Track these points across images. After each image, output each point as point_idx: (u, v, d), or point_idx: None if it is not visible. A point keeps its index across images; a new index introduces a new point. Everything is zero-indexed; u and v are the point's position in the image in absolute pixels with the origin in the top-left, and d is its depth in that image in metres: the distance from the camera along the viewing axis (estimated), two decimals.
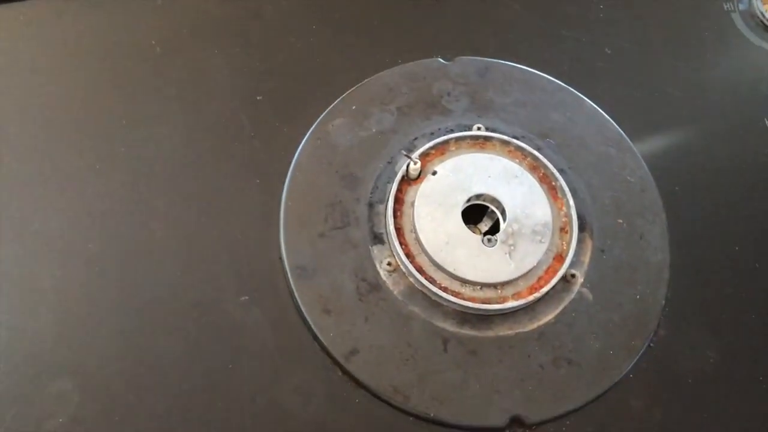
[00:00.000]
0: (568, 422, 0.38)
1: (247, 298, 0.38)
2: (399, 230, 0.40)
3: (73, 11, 0.46)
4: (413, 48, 0.48)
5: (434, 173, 0.42)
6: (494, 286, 0.39)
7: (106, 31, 0.46)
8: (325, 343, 0.38)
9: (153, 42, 0.46)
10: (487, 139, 0.44)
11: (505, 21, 0.49)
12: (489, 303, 0.39)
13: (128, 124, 0.43)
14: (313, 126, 0.44)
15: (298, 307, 0.39)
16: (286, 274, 0.39)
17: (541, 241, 0.40)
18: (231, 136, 0.43)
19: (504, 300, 0.39)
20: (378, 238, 0.41)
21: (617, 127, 0.47)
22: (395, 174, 0.42)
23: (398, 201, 0.41)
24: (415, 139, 0.44)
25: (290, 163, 0.43)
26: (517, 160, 0.44)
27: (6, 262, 0.37)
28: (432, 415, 0.37)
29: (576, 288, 0.41)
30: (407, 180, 0.42)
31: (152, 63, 0.45)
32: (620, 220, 0.43)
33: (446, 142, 0.44)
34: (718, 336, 0.41)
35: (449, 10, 0.50)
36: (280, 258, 0.39)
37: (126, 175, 0.41)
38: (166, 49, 0.46)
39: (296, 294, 0.39)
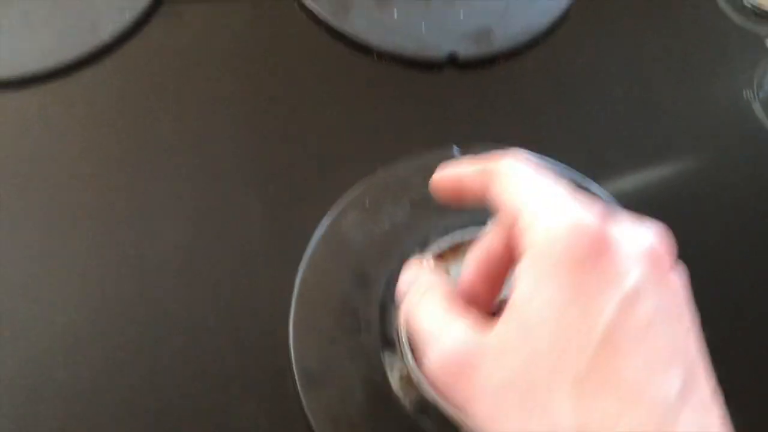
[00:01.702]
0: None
1: (253, 403, 0.37)
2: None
3: (72, 95, 0.45)
4: (428, 136, 0.47)
5: (449, 274, 0.41)
6: None
7: (113, 116, 0.45)
8: None
9: (165, 135, 0.45)
10: None
11: (524, 108, 0.48)
12: None
13: (131, 212, 0.43)
14: (325, 219, 0.43)
15: (306, 416, 0.37)
16: (295, 380, 0.38)
17: None
18: (240, 229, 0.42)
19: None
20: (389, 344, 0.39)
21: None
22: None
23: None
24: (429, 235, 0.43)
25: (300, 258, 0.41)
26: None
27: None
28: None
29: None
30: None
31: (161, 147, 0.45)
32: None
33: (461, 242, 0.42)
34: None
35: (464, 97, 0.49)
36: (289, 363, 0.38)
37: (129, 268, 0.40)
38: (175, 132, 0.45)
39: (304, 402, 0.38)
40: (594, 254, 0.25)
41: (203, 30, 0.48)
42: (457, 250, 0.43)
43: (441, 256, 0.42)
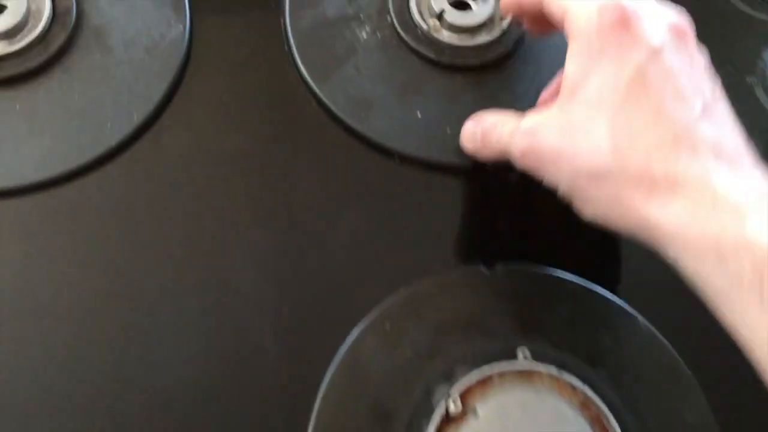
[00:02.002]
0: None
1: None
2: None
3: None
4: (454, 251, 0.44)
5: (476, 414, 0.38)
6: None
7: (116, 224, 0.43)
8: None
9: (173, 246, 0.42)
10: (533, 371, 0.40)
11: (552, 225, 0.45)
12: None
13: (134, 332, 0.40)
14: (343, 345, 0.40)
15: None
16: None
17: None
18: (250, 358, 0.40)
19: None
20: None
21: (675, 353, 0.42)
22: (432, 409, 0.38)
23: None
24: (455, 366, 0.40)
25: (316, 391, 0.39)
26: (567, 398, 0.39)
27: None
28: None
29: None
30: (446, 419, 0.38)
31: (169, 258, 0.42)
32: None
33: (489, 376, 0.39)
34: None
35: (491, 205, 0.46)
36: None
37: (131, 397, 0.37)
38: (185, 249, 0.42)
39: None
40: (623, 23, 0.32)
41: (215, 129, 0.45)
42: (486, 385, 0.40)
43: (468, 391, 0.39)
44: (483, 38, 0.48)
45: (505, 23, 0.48)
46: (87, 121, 0.44)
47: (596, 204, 0.33)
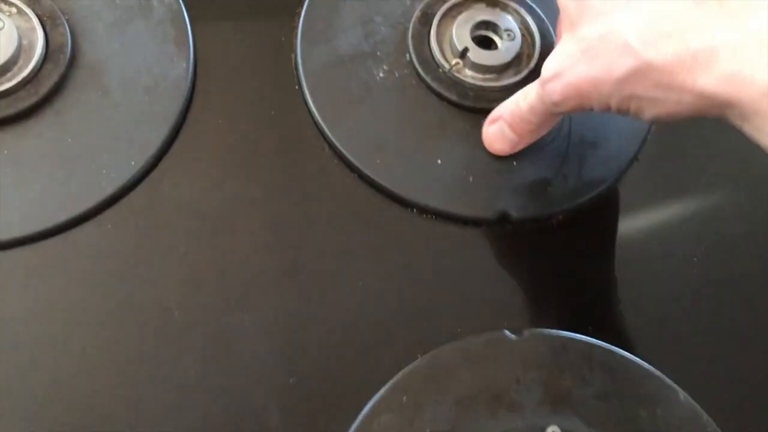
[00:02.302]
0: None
1: None
2: None
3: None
4: (476, 315, 0.40)
5: None
6: None
7: (110, 277, 0.40)
8: None
9: (171, 306, 0.38)
10: None
11: (584, 287, 0.41)
12: None
13: (126, 401, 0.37)
14: (354, 424, 0.36)
15: None
16: None
17: None
18: None
19: None
20: None
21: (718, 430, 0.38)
22: None
23: None
24: None
25: None
26: None
27: None
28: None
29: None
30: None
31: (166, 317, 0.39)
32: None
33: None
34: None
35: (515, 262, 0.42)
36: None
37: None
38: (185, 312, 0.38)
39: None
40: None
41: (219, 175, 0.42)
42: None
43: None
44: (509, 79, 0.45)
45: (533, 62, 0.44)
46: (80, 169, 0.40)
47: (651, 103, 0.32)
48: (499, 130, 0.41)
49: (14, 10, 0.42)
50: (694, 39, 0.29)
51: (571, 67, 0.34)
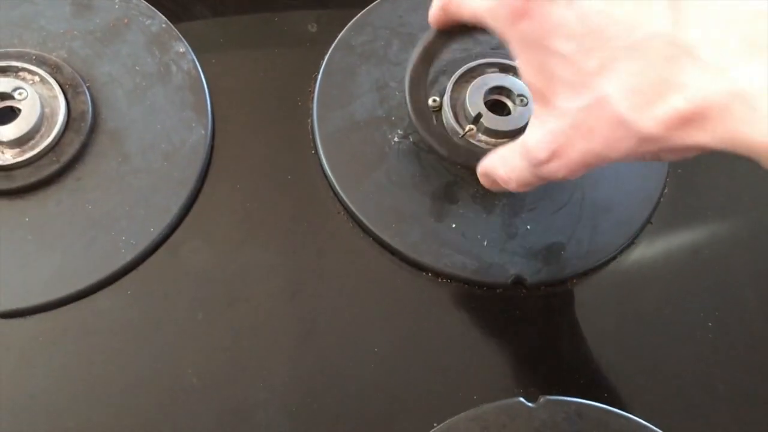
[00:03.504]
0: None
1: None
2: None
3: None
4: (492, 382, 0.40)
5: None
6: None
7: (126, 344, 0.40)
8: None
9: (189, 372, 0.38)
10: None
11: (602, 354, 0.41)
12: None
13: None
14: None
15: None
16: None
17: None
18: None
19: None
20: None
21: None
22: None
23: None
24: None
25: None
26: None
27: None
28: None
29: None
30: None
31: (184, 394, 0.39)
32: None
33: None
34: None
35: (529, 326, 0.42)
36: None
37: None
38: (203, 378, 0.38)
39: None
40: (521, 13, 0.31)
41: (236, 241, 0.42)
42: None
43: None
44: None
45: None
46: (99, 235, 0.41)
47: (665, 155, 0.32)
48: (494, 185, 0.40)
49: (37, 78, 0.43)
50: (679, 101, 0.27)
51: (568, 145, 0.32)
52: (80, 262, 0.40)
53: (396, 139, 0.46)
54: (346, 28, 0.49)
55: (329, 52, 0.48)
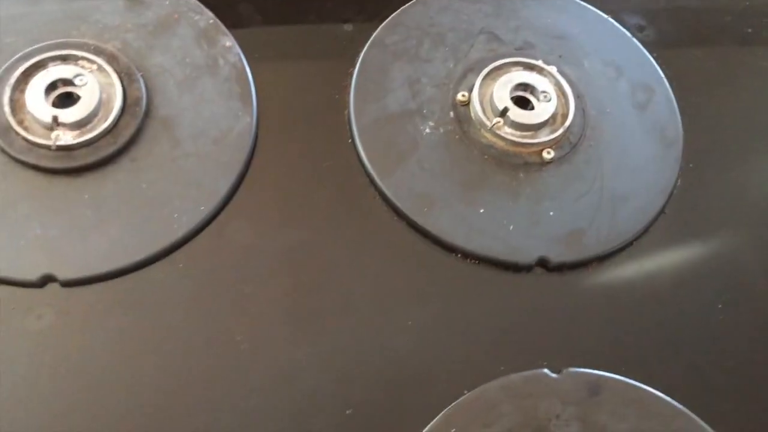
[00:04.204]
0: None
1: None
2: None
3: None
4: (517, 351, 0.43)
5: None
6: None
7: (179, 317, 0.43)
8: None
9: (238, 339, 0.41)
10: None
11: (616, 328, 0.44)
12: None
13: None
14: None
15: None
16: None
17: None
18: None
19: None
20: None
21: None
22: None
23: None
24: None
25: None
26: None
27: None
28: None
29: None
30: None
31: (234, 359, 0.42)
32: None
33: None
34: None
35: (553, 304, 0.45)
36: None
37: None
38: (251, 344, 0.41)
39: None
40: None
41: (278, 222, 0.46)
42: None
43: None
44: (545, 136, 0.48)
45: (568, 121, 0.48)
46: (154, 212, 0.44)
47: None
48: None
49: (95, 66, 0.47)
50: None
51: None
52: (135, 237, 0.43)
53: (427, 130, 0.49)
54: (379, 27, 0.53)
55: (364, 49, 0.52)
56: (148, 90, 0.47)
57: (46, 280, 0.41)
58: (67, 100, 0.45)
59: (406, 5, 0.53)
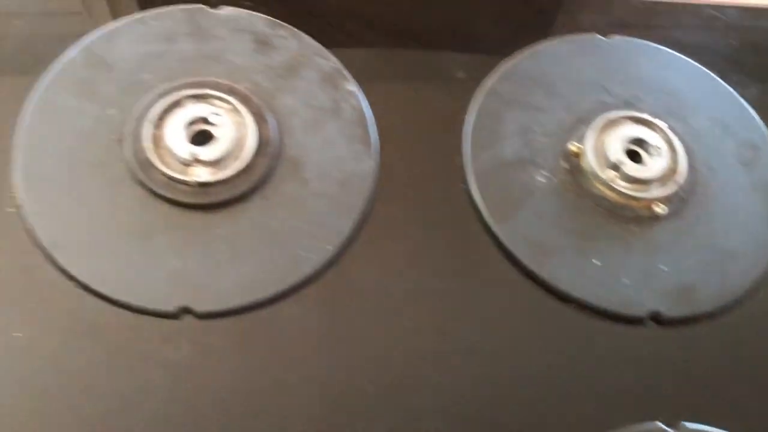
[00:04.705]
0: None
1: None
2: None
3: None
4: (631, 406, 0.45)
5: None
6: None
7: (306, 352, 0.45)
8: None
9: (364, 382, 0.43)
10: None
11: (731, 383, 0.45)
12: None
13: None
14: None
15: None
16: None
17: None
18: None
19: None
20: None
21: None
22: None
23: None
24: None
25: None
26: None
27: None
28: None
29: None
30: None
31: (363, 402, 0.43)
32: None
33: None
34: None
35: (666, 359, 0.46)
36: None
37: None
38: (377, 388, 0.42)
39: None
40: None
41: (398, 264, 0.47)
42: None
43: None
44: (657, 190, 0.49)
45: (681, 178, 0.49)
46: (284, 249, 0.45)
47: None
48: None
49: (229, 106, 0.49)
50: None
51: None
52: (267, 273, 0.45)
53: (541, 179, 0.51)
54: (492, 75, 0.54)
55: (478, 96, 0.53)
56: (279, 130, 0.48)
57: (182, 312, 0.43)
58: (201, 137, 0.47)
59: (518, 54, 0.55)
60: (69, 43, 0.51)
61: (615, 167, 0.50)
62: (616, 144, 0.50)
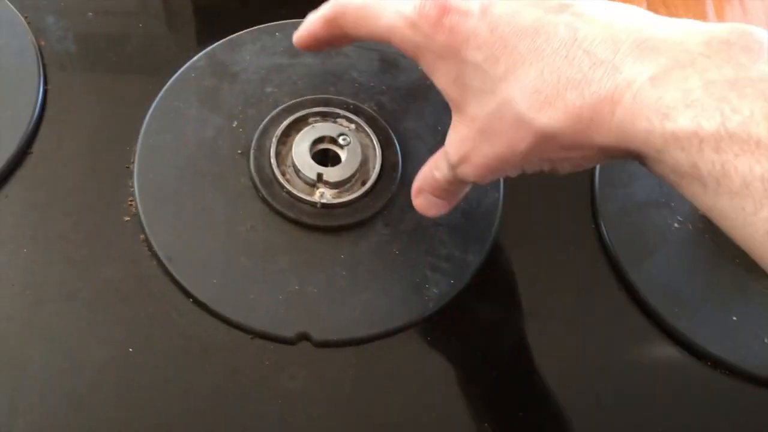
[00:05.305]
0: None
1: None
2: None
3: None
4: None
5: None
6: None
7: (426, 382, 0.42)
8: None
9: (485, 425, 0.40)
10: None
11: None
12: None
13: None
14: None
15: None
16: None
17: None
18: None
19: None
20: None
21: None
22: None
23: None
24: None
25: None
26: None
27: None
28: None
29: None
30: None
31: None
32: None
33: None
34: None
35: None
36: None
37: None
38: (495, 427, 0.40)
39: None
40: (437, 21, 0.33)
41: (520, 300, 0.45)
42: None
43: None
44: None
45: None
46: (405, 280, 0.43)
47: (562, 161, 0.34)
48: (426, 200, 0.41)
49: (353, 126, 0.47)
50: (574, 98, 0.29)
51: (475, 149, 0.34)
52: (388, 304, 0.43)
53: (675, 224, 0.47)
54: None
55: None
56: (402, 155, 0.46)
57: (300, 338, 0.41)
58: (321, 156, 0.45)
59: None
60: (193, 49, 0.50)
61: None
62: None
